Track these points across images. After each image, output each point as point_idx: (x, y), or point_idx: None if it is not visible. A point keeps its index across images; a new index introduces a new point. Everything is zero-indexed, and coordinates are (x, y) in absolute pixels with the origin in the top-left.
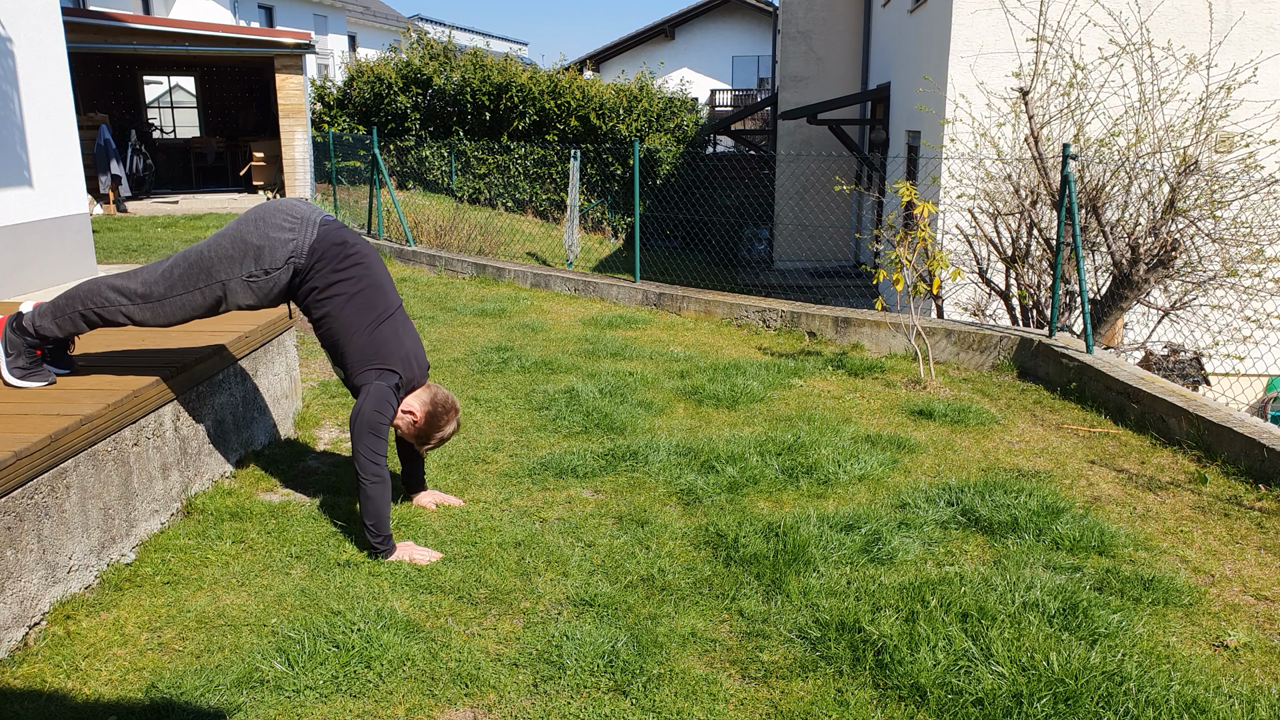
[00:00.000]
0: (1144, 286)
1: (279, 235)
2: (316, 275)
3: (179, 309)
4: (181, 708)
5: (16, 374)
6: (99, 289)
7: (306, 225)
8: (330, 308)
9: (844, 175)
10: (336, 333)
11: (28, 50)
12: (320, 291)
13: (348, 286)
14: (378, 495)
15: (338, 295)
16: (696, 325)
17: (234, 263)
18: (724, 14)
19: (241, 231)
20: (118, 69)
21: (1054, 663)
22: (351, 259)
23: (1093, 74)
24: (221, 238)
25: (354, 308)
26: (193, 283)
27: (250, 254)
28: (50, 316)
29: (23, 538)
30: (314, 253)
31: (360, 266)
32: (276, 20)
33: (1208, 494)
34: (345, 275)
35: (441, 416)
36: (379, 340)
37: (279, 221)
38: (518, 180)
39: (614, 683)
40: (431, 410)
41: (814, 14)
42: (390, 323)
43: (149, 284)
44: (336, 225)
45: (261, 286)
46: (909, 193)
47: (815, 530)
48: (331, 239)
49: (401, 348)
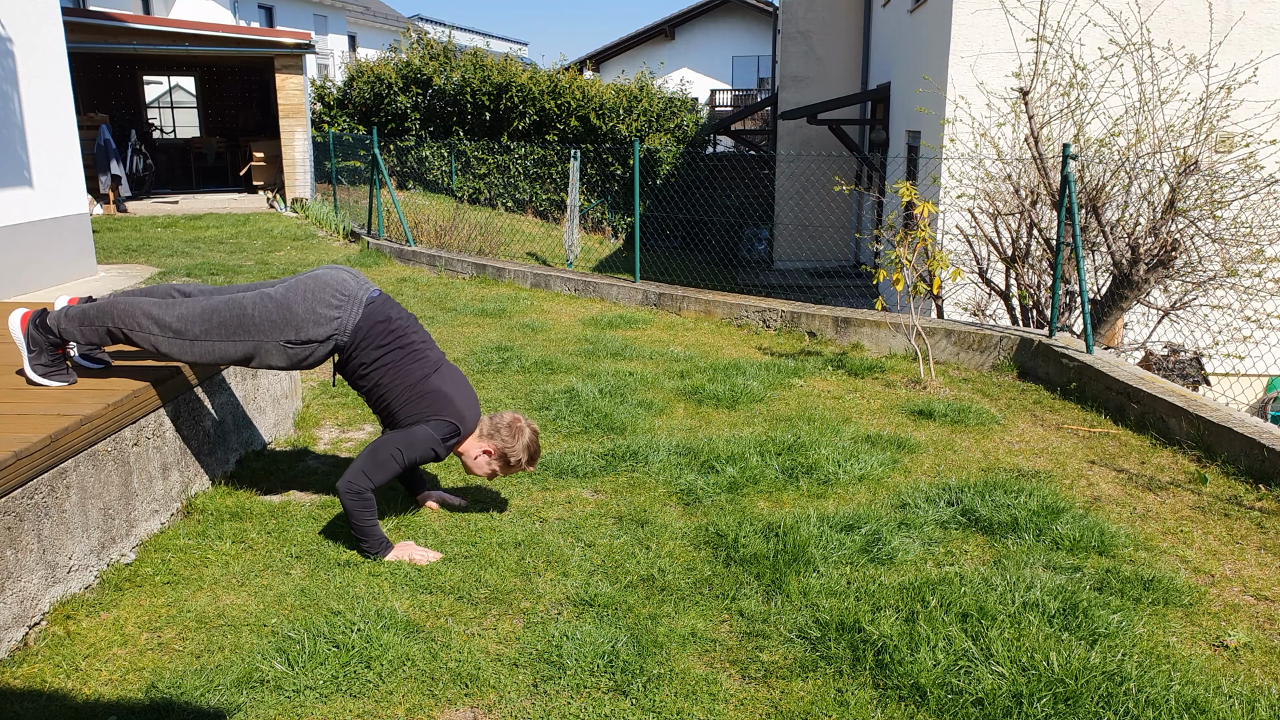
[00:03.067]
0: (1144, 286)
1: (325, 312)
2: (361, 352)
3: (208, 354)
4: (181, 708)
5: (38, 370)
6: (134, 311)
7: (353, 304)
8: (378, 379)
9: (844, 175)
10: (386, 399)
11: (28, 50)
12: (366, 367)
13: (393, 357)
14: (354, 508)
15: (383, 366)
16: (696, 325)
17: (275, 327)
18: (724, 14)
19: (290, 299)
20: (118, 69)
21: (1054, 663)
22: (394, 333)
23: (1093, 74)
24: (268, 300)
25: (400, 375)
26: (229, 334)
27: (292, 323)
28: (77, 322)
29: (23, 538)
30: (358, 331)
31: (402, 337)
32: (276, 20)
33: (1208, 494)
34: (389, 348)
35: (510, 436)
36: (430, 396)
37: (327, 298)
38: (518, 180)
39: (614, 683)
40: (500, 439)
41: (814, 14)
42: (438, 376)
43: (186, 321)
44: (382, 301)
45: (296, 354)
46: (909, 193)
47: (815, 530)
48: (375, 317)
49: (452, 402)
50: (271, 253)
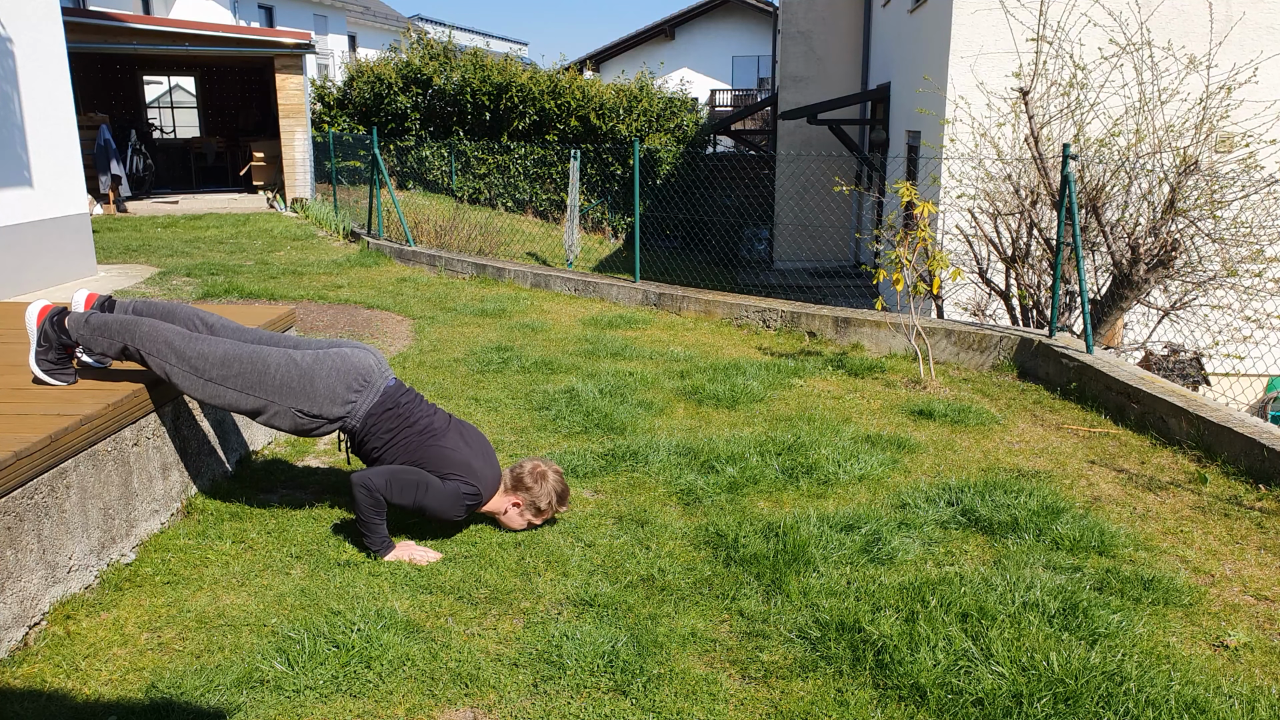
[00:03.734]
0: (1144, 286)
1: (344, 394)
2: (373, 437)
3: (217, 397)
4: (181, 708)
5: (43, 366)
6: (156, 336)
7: (371, 391)
8: (396, 455)
9: (844, 175)
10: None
11: (28, 50)
12: (380, 449)
13: (405, 436)
14: (365, 505)
15: (398, 445)
16: (696, 325)
17: (291, 394)
18: (724, 14)
19: (314, 372)
20: (118, 69)
21: (1054, 663)
22: (401, 416)
23: (1093, 74)
24: (293, 366)
25: (418, 449)
26: (245, 386)
27: (308, 395)
28: (96, 332)
29: (23, 538)
30: (369, 418)
31: (408, 418)
32: (276, 20)
33: (1208, 494)
34: (398, 430)
35: (534, 483)
36: (450, 462)
37: (350, 381)
38: (518, 180)
39: (614, 683)
40: (525, 490)
41: (814, 14)
42: (450, 439)
43: (205, 360)
44: (395, 388)
45: (303, 424)
46: (909, 193)
47: (815, 530)
48: (385, 405)
49: (472, 466)
50: (271, 253)
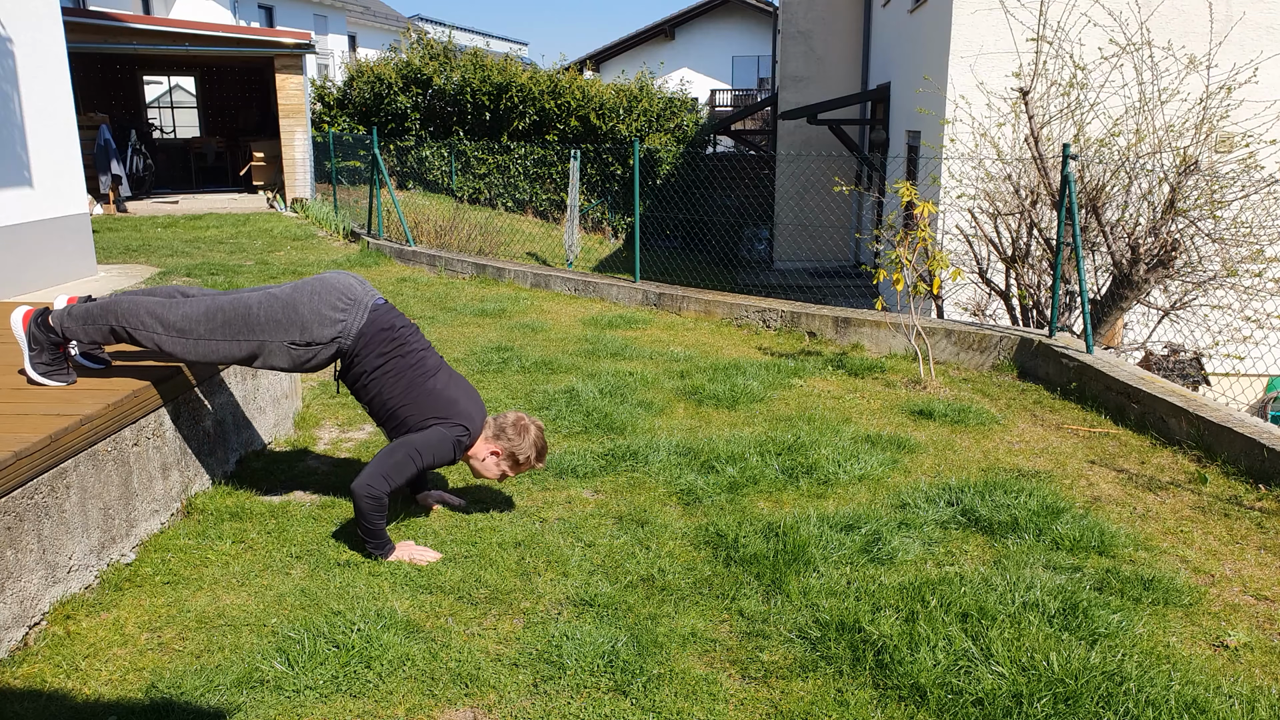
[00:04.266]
0: (1144, 286)
1: (330, 314)
2: (364, 359)
3: (211, 353)
4: (181, 708)
5: (39, 369)
6: (137, 310)
7: (358, 309)
8: (381, 386)
9: (844, 175)
10: (391, 405)
11: (28, 50)
12: (367, 375)
13: (395, 364)
14: (370, 511)
15: (387, 375)
16: (696, 325)
17: (280, 328)
18: (724, 14)
19: (295, 300)
20: (118, 69)
21: (1054, 663)
22: (396, 341)
23: (1093, 74)
24: (273, 300)
25: (404, 380)
26: (233, 333)
27: (297, 324)
28: (80, 321)
29: (23, 538)
30: (361, 337)
31: (404, 345)
32: (276, 20)
33: (1208, 494)
34: (391, 355)
35: (516, 435)
36: (435, 399)
37: (333, 300)
38: (518, 180)
39: (614, 683)
40: (506, 439)
41: (814, 14)
42: (439, 379)
43: (190, 320)
44: (386, 309)
45: (300, 356)
46: (909, 193)
47: (815, 530)
48: (379, 324)
49: (457, 403)
50: (271, 253)
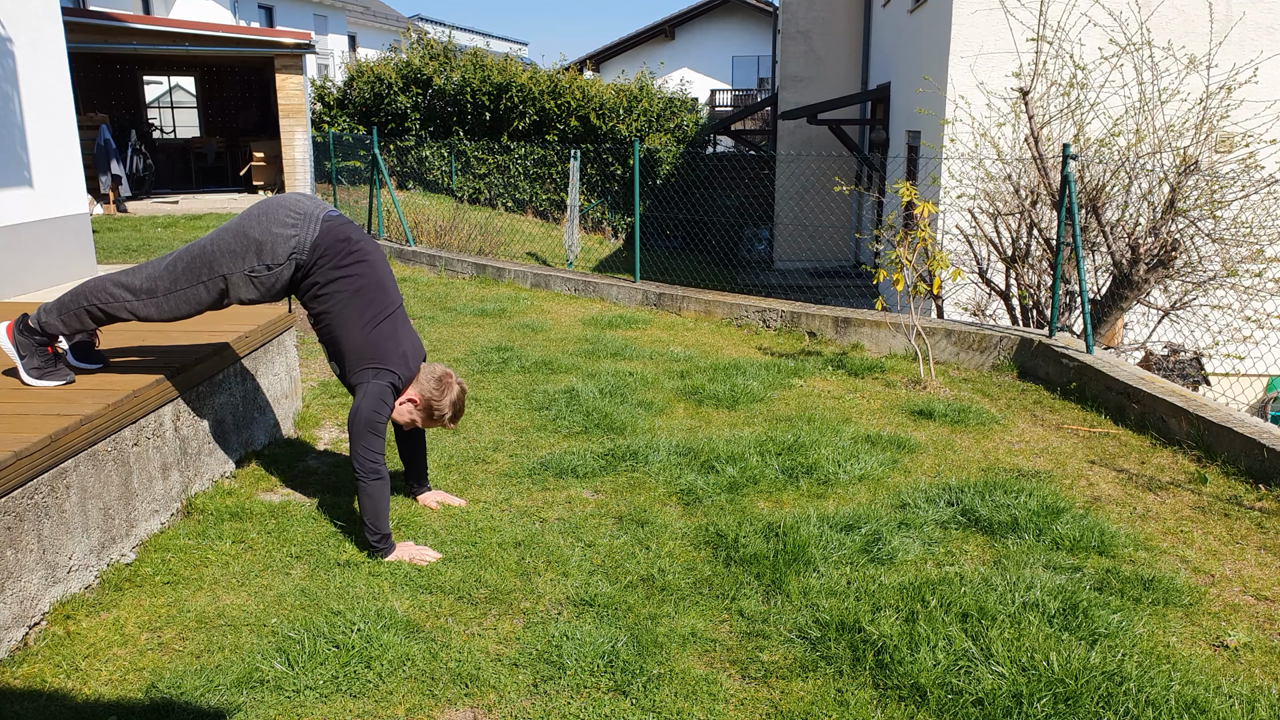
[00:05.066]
0: (1144, 286)
1: (281, 231)
2: (318, 271)
3: (183, 303)
4: (181, 708)
5: (33, 374)
6: (103, 285)
7: (310, 221)
8: (329, 304)
9: (844, 175)
10: (335, 329)
11: (28, 50)
12: (320, 287)
13: (348, 284)
14: (376, 493)
15: (338, 292)
16: (696, 325)
17: (236, 257)
18: (724, 14)
19: (244, 226)
20: (118, 69)
21: (1054, 663)
22: (354, 255)
23: (1093, 74)
24: (224, 232)
25: (354, 306)
26: (195, 277)
27: (252, 249)
28: (56, 313)
29: (23, 538)
30: (316, 249)
31: (363, 264)
32: (276, 20)
33: (1208, 494)
34: (346, 272)
35: (437, 389)
36: (377, 339)
37: (282, 217)
38: (518, 180)
39: (614, 683)
40: (427, 389)
41: (814, 14)
42: (389, 322)
43: (153, 279)
44: (340, 221)
45: (264, 281)
46: (909, 193)
47: (815, 530)
48: (335, 235)
49: (399, 346)
50: None
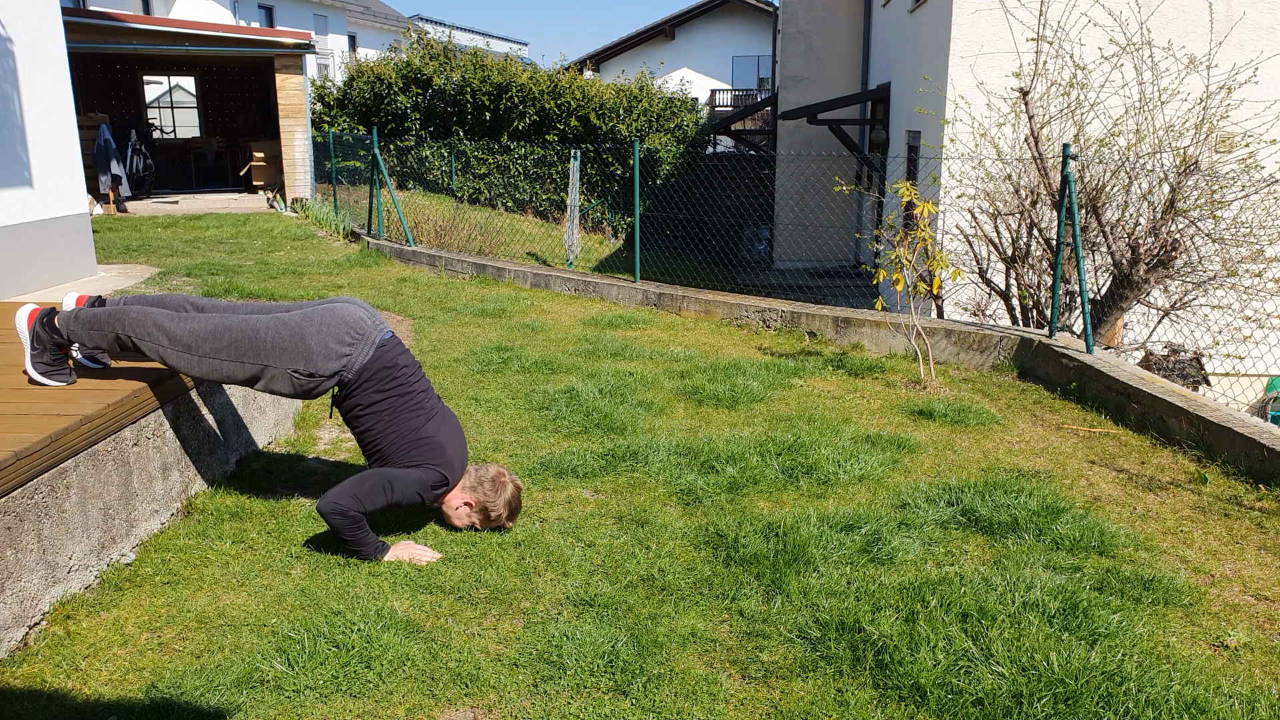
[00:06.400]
0: (1144, 286)
1: (337, 348)
2: (361, 393)
3: (214, 371)
4: (181, 708)
5: (39, 369)
6: (145, 321)
7: (365, 345)
8: (373, 423)
9: (844, 175)
10: (380, 444)
11: (28, 50)
12: (363, 409)
13: (391, 403)
14: (343, 528)
15: (381, 412)
16: (696, 325)
17: (285, 355)
18: (724, 14)
19: (304, 329)
20: (118, 69)
21: (1054, 663)
22: (397, 380)
23: (1093, 74)
24: (282, 326)
25: (397, 421)
26: (238, 355)
27: (302, 354)
28: (86, 326)
29: (23, 538)
30: (364, 373)
31: (404, 385)
32: (276, 20)
33: (1208, 494)
34: (389, 393)
35: (492, 490)
36: (423, 445)
37: (341, 335)
38: (518, 180)
39: (614, 683)
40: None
41: (814, 14)
42: (433, 424)
43: (197, 336)
44: (392, 346)
45: (302, 385)
46: (909, 193)
47: (815, 530)
48: (383, 361)
49: (444, 452)
50: (271, 253)
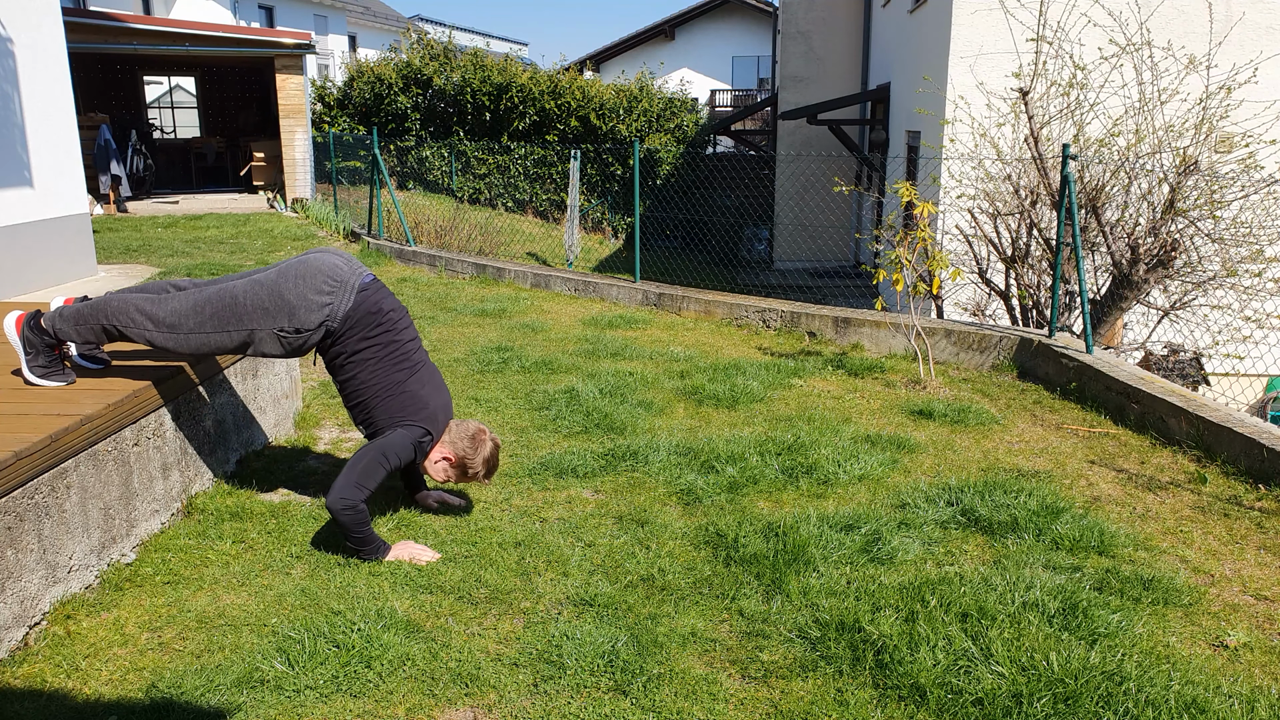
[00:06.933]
0: (1144, 286)
1: (316, 299)
2: (346, 340)
3: (202, 345)
4: (181, 708)
5: (37, 372)
6: (127, 308)
7: (345, 291)
8: (356, 371)
9: (844, 175)
10: (362, 394)
11: (28, 50)
12: (347, 356)
13: (375, 351)
14: (351, 524)
15: (365, 360)
16: (696, 325)
17: (267, 315)
18: (724, 14)
19: (280, 286)
20: (118, 69)
21: (1054, 663)
22: (382, 326)
23: (1093, 74)
24: (259, 287)
25: (380, 371)
26: (222, 325)
27: (285, 310)
28: (72, 322)
29: (23, 538)
30: (348, 319)
31: (390, 333)
32: (276, 20)
33: (1207, 494)
34: (374, 342)
35: (471, 446)
36: (404, 401)
37: (319, 284)
38: (518, 180)
39: (614, 683)
40: (461, 446)
41: (814, 14)
42: (416, 381)
43: (179, 315)
44: (374, 290)
45: (290, 342)
46: (909, 193)
47: (815, 530)
48: (367, 307)
49: (427, 406)
50: (272, 253)
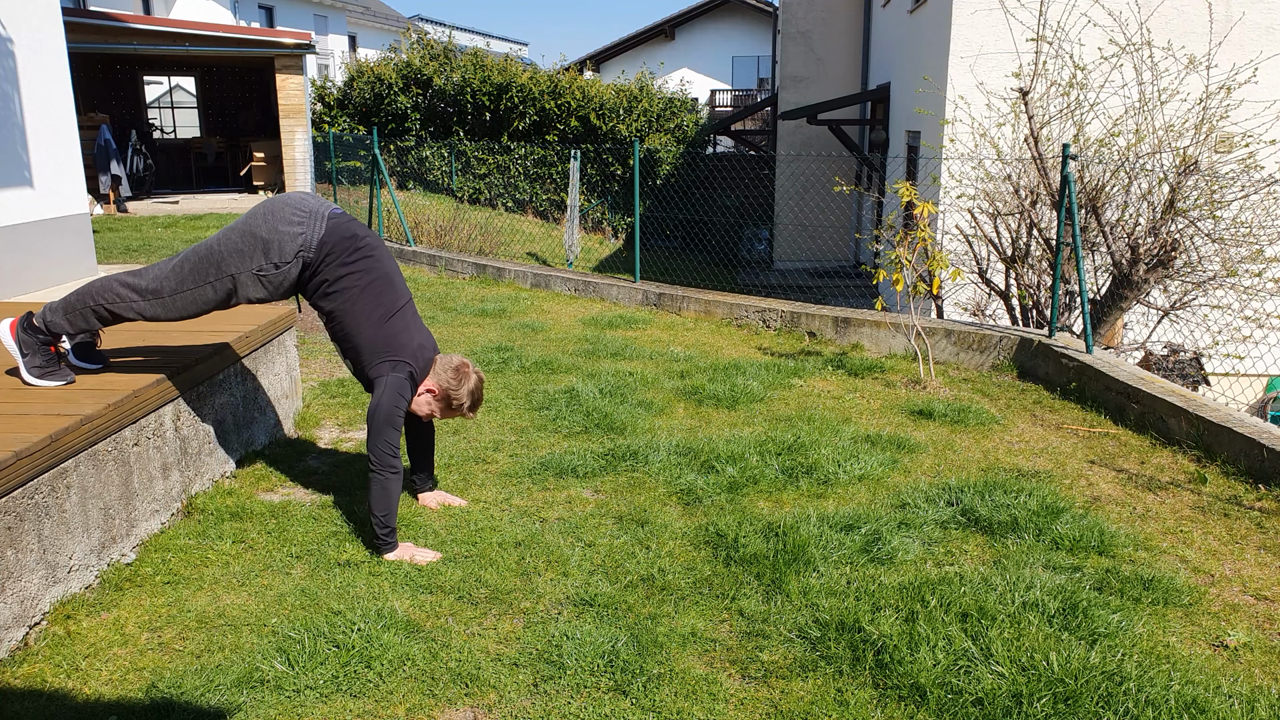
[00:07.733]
0: (1144, 286)
1: (288, 229)
2: (325, 269)
3: (190, 303)
4: (181, 707)
5: (35, 373)
6: (110, 285)
7: (315, 219)
8: (339, 301)
9: (844, 175)
10: (347, 326)
11: (28, 50)
12: (329, 285)
13: (356, 280)
14: (391, 486)
15: (347, 289)
16: (696, 325)
17: (244, 257)
18: (724, 14)
19: (250, 225)
20: (118, 69)
21: (1054, 662)
22: (360, 252)
23: (1093, 74)
24: (230, 232)
25: (364, 301)
26: (203, 277)
27: (259, 248)
28: (61, 312)
29: (23, 538)
30: (323, 246)
31: (369, 259)
32: (276, 20)
33: (1207, 494)
34: (354, 269)
35: (455, 379)
36: (389, 332)
37: (288, 215)
38: (518, 180)
39: (614, 682)
40: (444, 379)
41: (814, 14)
42: (400, 315)
43: (159, 279)
44: (345, 218)
45: (272, 280)
46: (909, 193)
47: (815, 530)
48: (341, 233)
49: (412, 339)
50: None
